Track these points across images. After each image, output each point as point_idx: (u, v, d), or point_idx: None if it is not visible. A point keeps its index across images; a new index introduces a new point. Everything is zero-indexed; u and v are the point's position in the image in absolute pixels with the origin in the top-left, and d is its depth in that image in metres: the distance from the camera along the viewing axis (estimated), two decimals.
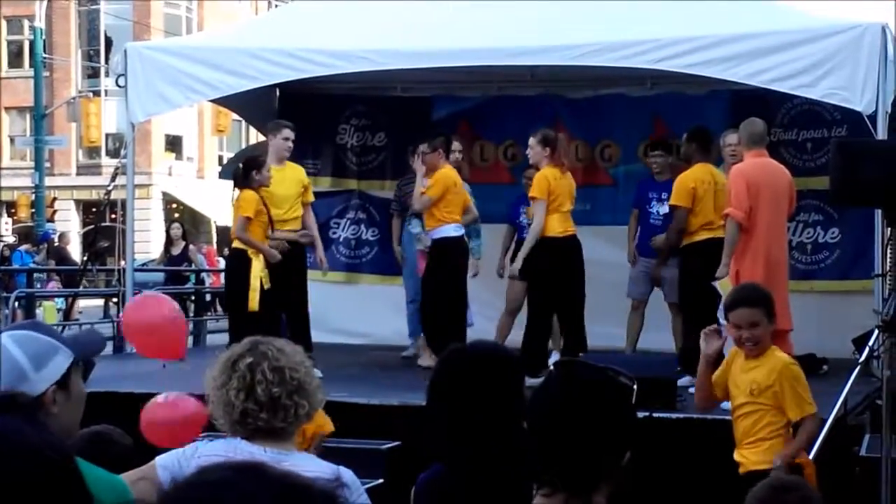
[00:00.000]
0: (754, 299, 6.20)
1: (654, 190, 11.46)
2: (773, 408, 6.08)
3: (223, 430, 3.61)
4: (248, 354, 3.58)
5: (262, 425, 3.52)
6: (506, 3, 11.22)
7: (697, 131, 10.63)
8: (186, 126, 46.54)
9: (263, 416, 3.50)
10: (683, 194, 10.25)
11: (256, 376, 3.52)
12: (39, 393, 3.05)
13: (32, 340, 3.12)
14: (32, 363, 3.07)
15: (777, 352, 6.29)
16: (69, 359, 3.12)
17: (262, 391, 3.50)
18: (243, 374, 3.52)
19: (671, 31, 10.49)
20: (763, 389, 6.07)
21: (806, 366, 10.44)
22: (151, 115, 12.82)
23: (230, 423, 3.55)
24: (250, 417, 3.50)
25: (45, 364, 3.09)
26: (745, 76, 10.23)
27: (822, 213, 12.46)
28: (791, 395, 6.08)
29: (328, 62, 11.34)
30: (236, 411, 3.51)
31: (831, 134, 12.16)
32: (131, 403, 9.40)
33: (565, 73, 12.05)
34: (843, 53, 9.80)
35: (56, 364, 3.10)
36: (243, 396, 3.50)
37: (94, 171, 44.75)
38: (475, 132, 13.72)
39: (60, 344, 3.14)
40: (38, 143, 34.40)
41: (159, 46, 13.11)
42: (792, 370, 6.13)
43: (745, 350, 6.18)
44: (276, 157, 10.96)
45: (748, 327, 6.09)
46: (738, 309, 6.15)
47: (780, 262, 8.82)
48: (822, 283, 12.39)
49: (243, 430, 3.54)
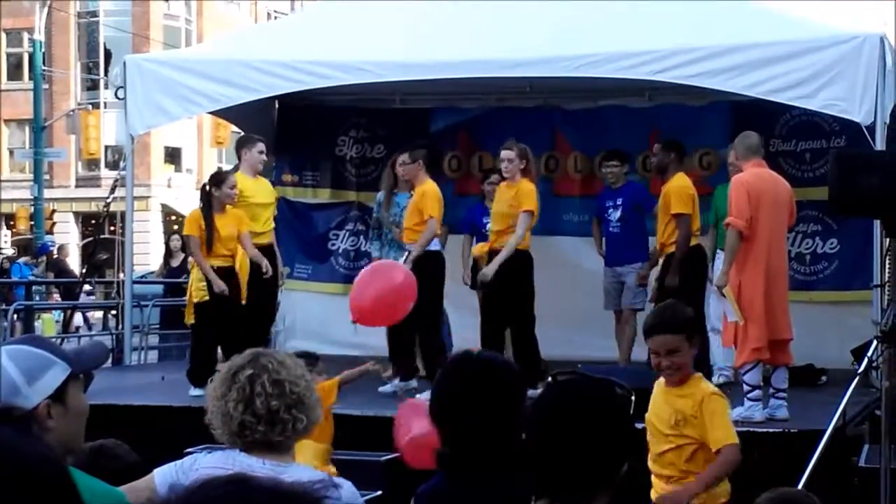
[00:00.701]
0: (675, 324, 5.51)
1: (611, 198, 11.72)
2: (698, 441, 5.48)
3: (222, 441, 3.61)
4: (249, 366, 3.56)
5: (260, 438, 3.51)
6: (505, 16, 11.24)
7: (674, 142, 10.77)
8: (185, 138, 46.55)
9: (261, 429, 3.49)
10: (688, 201, 10.36)
11: (256, 388, 3.50)
12: (32, 406, 3.05)
13: (26, 354, 3.12)
14: (25, 377, 3.07)
15: (702, 381, 5.64)
16: (65, 372, 3.11)
17: (260, 404, 3.49)
18: (243, 385, 3.51)
19: (670, 42, 10.51)
20: (687, 419, 5.48)
21: (805, 376, 10.53)
22: (151, 127, 12.85)
23: (229, 435, 3.54)
24: (248, 430, 3.50)
25: (39, 378, 3.08)
26: (743, 87, 10.25)
27: (821, 224, 12.46)
28: (713, 426, 5.44)
29: (327, 74, 11.37)
30: (234, 423, 3.50)
31: (830, 144, 12.16)
32: (131, 416, 9.41)
33: (564, 84, 12.05)
34: (842, 64, 9.82)
35: (50, 378, 3.10)
36: (242, 408, 3.49)
37: (94, 184, 44.74)
38: (474, 143, 13.74)
39: (57, 358, 3.14)
40: (38, 155, 34.37)
41: (158, 59, 13.13)
42: (717, 401, 5.50)
43: (664, 378, 5.61)
44: (251, 171, 11.03)
45: (666, 354, 5.46)
46: (657, 335, 5.51)
47: (781, 272, 8.82)
48: (820, 294, 12.38)
49: (241, 441, 3.54)
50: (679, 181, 10.47)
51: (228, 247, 10.53)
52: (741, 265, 8.61)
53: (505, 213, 10.40)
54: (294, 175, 14.14)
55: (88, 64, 47.50)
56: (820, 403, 8.91)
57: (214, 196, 10.53)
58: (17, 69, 48.35)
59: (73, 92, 46.93)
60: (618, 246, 11.58)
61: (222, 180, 10.64)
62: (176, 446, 6.48)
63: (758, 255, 8.61)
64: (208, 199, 10.55)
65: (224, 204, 10.53)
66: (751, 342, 8.53)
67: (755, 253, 8.61)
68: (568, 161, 13.45)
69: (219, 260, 10.45)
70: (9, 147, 48.23)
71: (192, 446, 6.63)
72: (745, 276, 8.59)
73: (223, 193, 10.51)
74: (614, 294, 11.57)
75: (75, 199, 45.67)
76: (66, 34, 46.68)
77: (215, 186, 10.56)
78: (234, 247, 10.60)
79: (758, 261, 8.60)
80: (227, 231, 10.47)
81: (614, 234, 11.63)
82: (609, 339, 11.48)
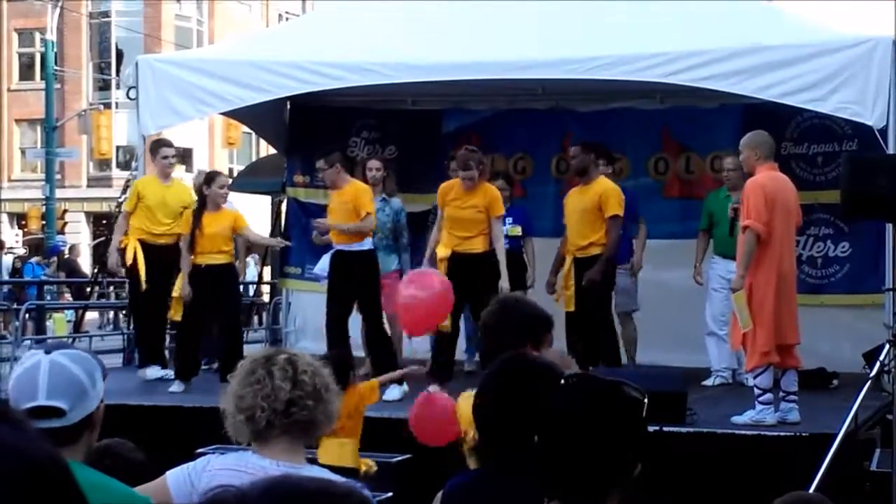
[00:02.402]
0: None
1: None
2: None
3: (238, 439, 3.58)
4: (278, 353, 3.59)
5: (306, 416, 3.49)
6: (516, 18, 11.24)
7: (593, 143, 10.84)
8: (197, 138, 46.52)
9: (309, 404, 3.49)
10: (622, 203, 10.48)
11: (299, 367, 3.52)
12: (93, 410, 3.10)
13: (83, 358, 3.18)
14: (89, 380, 3.11)
15: None
16: (105, 372, 3.18)
17: (308, 379, 3.51)
18: (283, 366, 3.52)
19: (682, 44, 10.49)
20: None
21: (816, 380, 10.51)
22: (162, 127, 12.86)
23: (265, 420, 3.48)
24: (295, 406, 3.48)
25: (97, 381, 3.13)
26: (755, 90, 10.23)
27: (833, 227, 12.43)
28: None
29: (339, 75, 11.37)
30: (280, 402, 3.47)
31: (842, 148, 12.15)
32: (141, 416, 9.42)
33: (575, 86, 12.04)
34: (854, 67, 9.80)
35: (101, 380, 3.15)
36: (289, 385, 3.49)
37: (105, 184, 44.81)
38: (485, 145, 13.73)
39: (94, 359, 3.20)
40: (49, 155, 34.43)
41: (170, 59, 13.14)
42: None
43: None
44: (161, 175, 11.56)
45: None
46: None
47: (790, 275, 8.80)
48: (832, 297, 12.35)
49: (276, 428, 3.48)
50: (609, 183, 10.57)
51: (217, 245, 10.79)
52: (754, 268, 8.57)
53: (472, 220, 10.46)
54: (305, 176, 14.14)
55: (100, 64, 47.57)
56: (831, 407, 8.90)
57: (207, 195, 10.82)
58: (29, 69, 48.45)
59: (85, 92, 47.01)
60: None
61: (212, 179, 11.00)
62: (187, 447, 6.50)
63: (771, 259, 8.58)
64: (203, 198, 10.91)
65: (217, 203, 10.86)
66: (760, 346, 8.51)
67: (769, 256, 8.58)
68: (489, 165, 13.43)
69: (204, 258, 10.75)
70: (21, 147, 48.31)
71: (202, 447, 6.64)
72: (758, 279, 8.57)
73: (214, 193, 10.84)
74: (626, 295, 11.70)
75: (87, 199, 45.73)
76: (77, 34, 46.75)
77: (206, 185, 10.91)
78: (224, 245, 10.86)
79: (771, 264, 8.57)
80: (212, 229, 10.74)
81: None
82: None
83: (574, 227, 10.57)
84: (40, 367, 3.08)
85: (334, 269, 10.64)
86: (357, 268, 10.49)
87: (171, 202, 11.40)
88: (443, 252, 10.39)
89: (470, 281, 10.00)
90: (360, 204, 10.51)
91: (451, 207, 10.48)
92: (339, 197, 10.66)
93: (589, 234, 10.41)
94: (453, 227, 10.46)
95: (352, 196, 10.57)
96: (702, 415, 8.76)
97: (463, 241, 10.39)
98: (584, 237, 10.42)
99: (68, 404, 3.03)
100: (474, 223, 10.39)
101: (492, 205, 10.40)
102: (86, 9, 46.28)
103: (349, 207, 10.52)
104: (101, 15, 47.41)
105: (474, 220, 10.38)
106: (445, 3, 11.75)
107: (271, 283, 18.11)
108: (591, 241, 10.39)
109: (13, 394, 3.10)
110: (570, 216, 10.67)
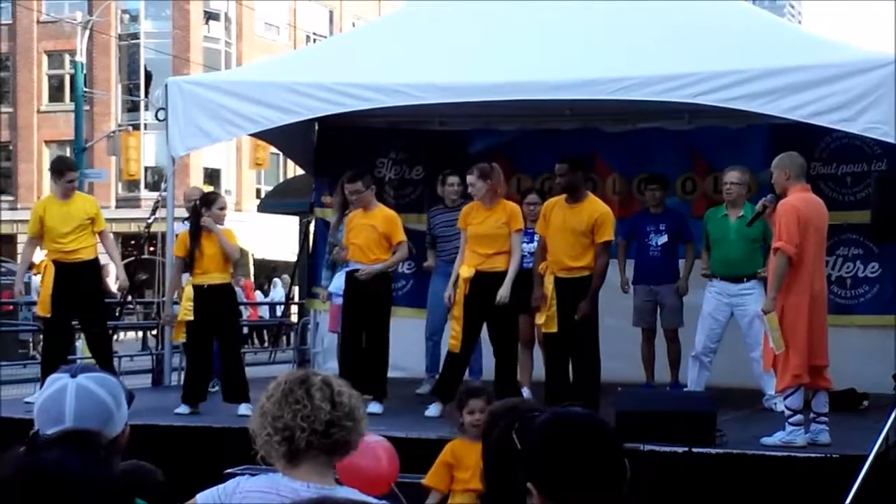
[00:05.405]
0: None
1: (652, 223, 11.87)
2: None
3: (270, 460, 3.57)
4: (313, 374, 3.59)
5: (344, 436, 3.48)
6: (544, 39, 11.25)
7: (579, 159, 10.59)
8: (225, 159, 46.81)
9: (348, 425, 3.49)
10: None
11: (335, 388, 3.52)
12: (118, 433, 3.10)
13: (108, 381, 3.18)
14: (115, 402, 3.11)
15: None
16: (129, 395, 3.18)
17: (345, 400, 3.50)
18: (321, 387, 3.51)
19: (710, 64, 10.49)
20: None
21: (847, 401, 10.45)
22: (191, 148, 12.93)
23: (304, 441, 3.47)
24: (335, 427, 3.47)
25: (122, 403, 3.14)
26: (784, 110, 10.21)
27: (862, 248, 12.38)
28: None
29: (367, 96, 11.40)
30: (319, 422, 3.46)
31: (871, 168, 12.11)
32: (171, 436, 9.45)
33: (603, 107, 12.05)
34: (884, 87, 9.77)
35: (126, 403, 3.15)
36: (329, 406, 3.49)
37: (134, 204, 45.05)
38: (512, 165, 13.74)
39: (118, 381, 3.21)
40: (79, 176, 34.69)
41: (199, 81, 13.20)
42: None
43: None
44: (61, 196, 11.36)
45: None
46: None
47: (822, 296, 8.75)
48: (861, 318, 12.29)
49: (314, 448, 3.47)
50: (603, 205, 10.37)
51: (218, 265, 10.69)
52: (786, 289, 8.53)
53: (493, 235, 10.40)
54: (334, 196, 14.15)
55: (129, 85, 47.89)
56: (862, 428, 8.84)
57: (204, 217, 10.67)
58: (59, 91, 48.79)
59: (114, 113, 47.33)
60: (657, 267, 11.71)
61: (211, 201, 10.84)
62: (216, 468, 6.51)
63: (803, 281, 8.53)
64: (198, 219, 10.71)
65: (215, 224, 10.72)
66: (792, 368, 8.46)
67: (801, 278, 8.53)
68: (606, 183, 13.42)
69: (206, 278, 10.63)
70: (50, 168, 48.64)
71: (231, 468, 6.64)
72: (790, 301, 8.52)
73: (212, 214, 10.69)
74: (648, 312, 11.75)
75: (115, 220, 45.86)
76: (107, 56, 47.10)
77: (205, 207, 10.73)
78: (224, 265, 10.73)
79: (803, 286, 8.52)
80: (213, 249, 10.62)
81: (654, 256, 11.74)
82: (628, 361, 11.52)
83: (561, 247, 10.22)
84: (66, 390, 3.07)
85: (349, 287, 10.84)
86: (371, 286, 10.59)
87: (75, 213, 11.24)
88: (466, 272, 10.37)
89: (490, 301, 10.03)
90: (392, 234, 10.65)
91: (473, 225, 10.47)
92: (365, 219, 10.69)
93: (580, 256, 10.14)
94: (476, 245, 10.42)
95: (381, 221, 10.65)
96: (731, 436, 8.71)
97: (486, 258, 10.34)
98: (575, 259, 10.14)
99: (95, 428, 3.03)
100: (496, 239, 10.35)
101: (512, 219, 10.39)
102: (115, 31, 46.64)
103: (377, 232, 10.57)
104: (130, 37, 47.77)
105: (496, 235, 10.35)
106: (474, 24, 11.78)
107: (299, 303, 18.14)
108: (583, 265, 10.15)
109: (39, 417, 3.08)
110: (555, 234, 10.26)
